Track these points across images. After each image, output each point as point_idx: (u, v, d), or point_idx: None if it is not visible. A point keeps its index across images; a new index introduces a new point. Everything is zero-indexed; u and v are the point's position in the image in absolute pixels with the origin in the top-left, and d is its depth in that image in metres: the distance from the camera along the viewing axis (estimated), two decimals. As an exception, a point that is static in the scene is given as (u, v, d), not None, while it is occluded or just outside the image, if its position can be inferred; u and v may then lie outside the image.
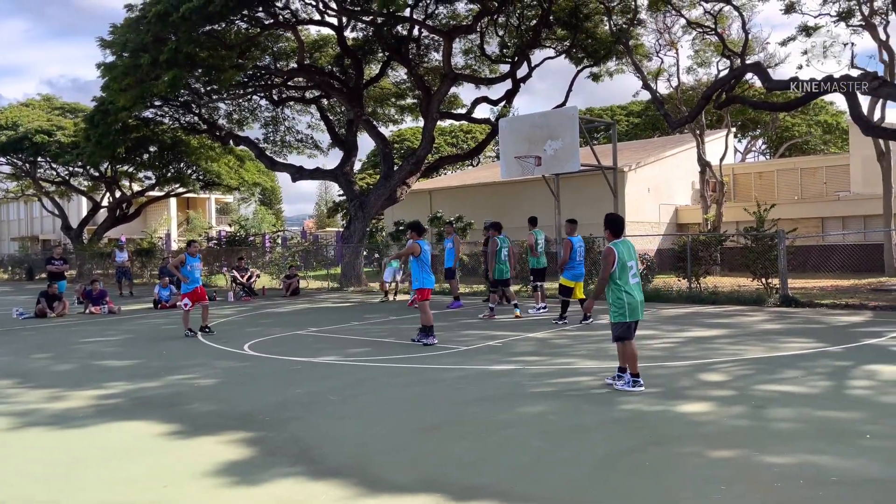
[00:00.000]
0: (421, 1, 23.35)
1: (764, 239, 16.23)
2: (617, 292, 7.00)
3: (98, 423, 6.29)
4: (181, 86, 23.43)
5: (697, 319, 12.55)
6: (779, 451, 5.00)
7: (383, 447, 5.36)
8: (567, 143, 13.83)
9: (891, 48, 23.75)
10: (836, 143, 41.06)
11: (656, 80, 27.08)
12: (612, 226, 7.28)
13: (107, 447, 5.60)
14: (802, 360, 8.28)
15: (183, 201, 50.14)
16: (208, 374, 8.46)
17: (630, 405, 6.44)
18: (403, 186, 25.84)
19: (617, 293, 6.99)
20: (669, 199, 28.81)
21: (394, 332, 12.07)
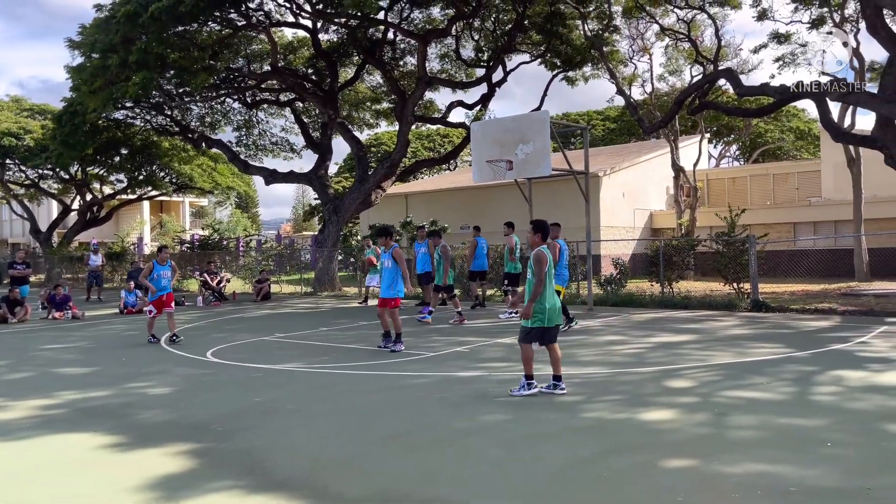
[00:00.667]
0: (396, 4, 23.23)
1: (735, 244, 16.29)
2: (543, 296, 6.97)
3: (39, 436, 6.03)
4: (151, 87, 23.07)
5: (667, 324, 12.50)
6: (738, 460, 4.91)
7: (336, 458, 5.19)
8: (538, 147, 13.74)
9: (861, 55, 24.06)
10: (808, 150, 41.58)
11: (630, 85, 27.24)
12: (541, 230, 7.23)
13: (43, 461, 5.36)
14: (769, 366, 8.24)
15: (156, 204, 49.44)
16: (165, 382, 8.21)
17: (593, 413, 6.33)
18: (378, 190, 25.66)
19: (541, 298, 6.96)
20: (644, 203, 28.92)
21: (361, 338, 11.88)
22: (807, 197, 28.59)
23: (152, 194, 37.96)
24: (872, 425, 5.66)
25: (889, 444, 5.16)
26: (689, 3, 22.20)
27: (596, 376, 7.97)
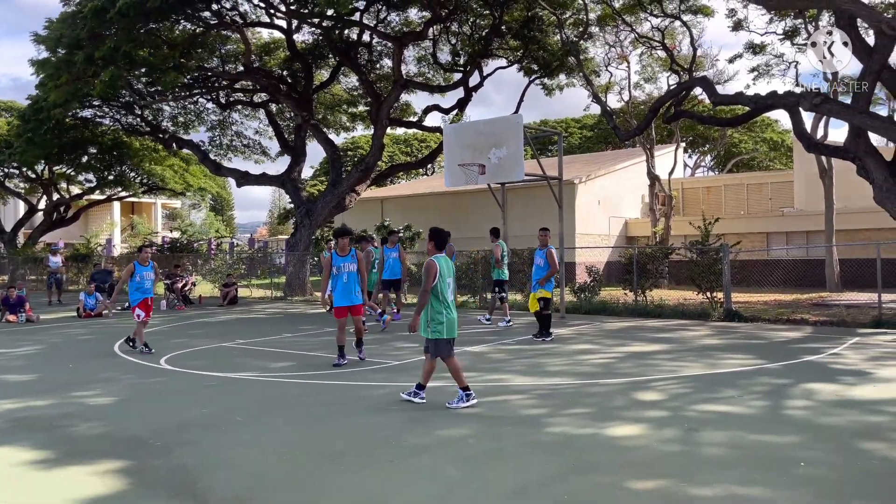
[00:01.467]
0: (372, 6, 22.92)
1: (709, 253, 16.16)
2: (438, 308, 6.82)
3: (-36, 449, 5.59)
4: (119, 85, 22.48)
5: (639, 334, 12.28)
6: (707, 480, 4.63)
7: (280, 477, 4.82)
8: (512, 151, 13.48)
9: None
10: (781, 160, 41.94)
11: (607, 93, 27.20)
12: (436, 238, 7.07)
13: (-37, 478, 4.93)
14: (741, 378, 8.01)
15: (128, 206, 48.46)
16: (110, 391, 7.77)
17: (558, 427, 6.03)
18: (352, 194, 25.27)
19: (437, 309, 6.81)
20: (619, 211, 28.85)
21: (325, 345, 11.49)
22: (780, 207, 28.73)
23: (122, 195, 37.13)
24: (847, 443, 5.42)
25: (865, 464, 4.92)
26: (664, 12, 22.18)
27: (564, 387, 7.68)
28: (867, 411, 6.42)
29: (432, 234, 7.08)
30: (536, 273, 11.68)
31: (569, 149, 46.54)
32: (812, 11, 20.70)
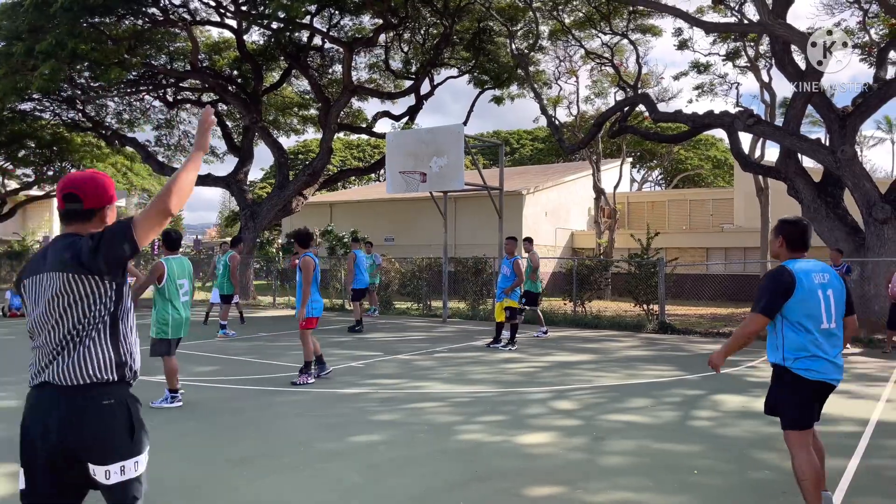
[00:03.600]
0: (324, 10, 22.84)
1: (647, 266, 16.53)
2: (164, 308, 6.94)
3: None
4: (60, 79, 21.89)
5: (568, 343, 12.48)
6: (605, 487, 4.76)
7: (180, 483, 4.76)
8: (453, 160, 13.60)
9: (772, 89, 25.13)
10: (724, 178, 43.17)
11: (556, 107, 27.64)
12: (166, 240, 7.16)
13: None
14: (656, 389, 8.22)
15: (69, 203, 47.07)
16: (22, 394, 7.52)
17: (470, 435, 6.10)
18: (299, 198, 25.07)
19: (164, 309, 6.93)
20: (566, 223, 29.29)
21: (255, 350, 11.38)
22: (720, 223, 29.56)
23: (62, 191, 36.03)
24: (741, 452, 5.62)
25: (754, 473, 5.11)
26: (612, 29, 22.68)
27: (483, 396, 7.76)
28: (767, 422, 6.63)
29: (166, 237, 7.10)
30: (502, 282, 11.66)
31: (520, 160, 47.08)
32: (752, 35, 21.45)
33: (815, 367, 3.83)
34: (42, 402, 2.63)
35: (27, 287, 2.69)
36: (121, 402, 2.65)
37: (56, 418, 2.57)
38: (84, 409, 2.59)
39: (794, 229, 4.04)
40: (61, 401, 2.59)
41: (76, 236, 2.63)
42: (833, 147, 14.76)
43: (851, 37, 19.95)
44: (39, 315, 2.63)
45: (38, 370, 2.65)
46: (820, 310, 3.86)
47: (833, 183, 15.48)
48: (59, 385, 2.59)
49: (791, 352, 3.87)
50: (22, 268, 2.81)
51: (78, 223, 2.68)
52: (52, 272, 2.60)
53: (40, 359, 2.65)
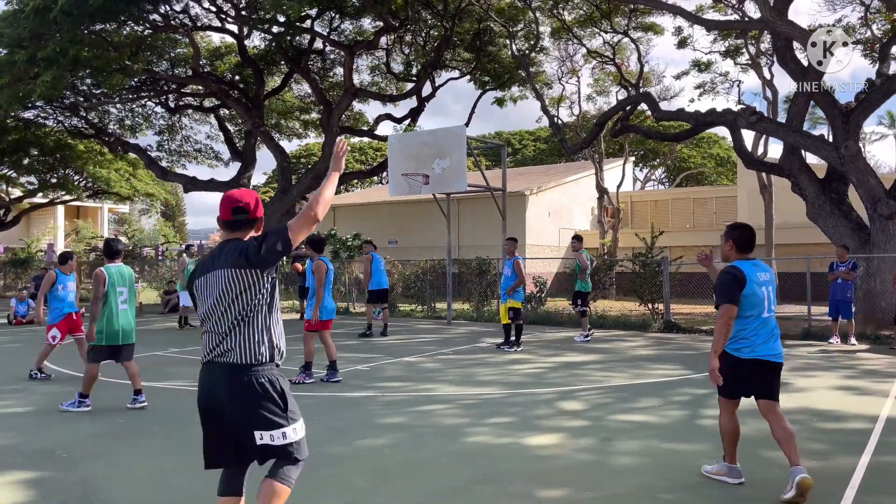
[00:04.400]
0: (324, 13, 22.85)
1: (651, 265, 16.49)
2: (103, 316, 7.05)
3: None
4: (63, 87, 21.92)
5: (575, 344, 12.45)
6: (611, 488, 4.73)
7: (182, 490, 4.75)
8: (455, 162, 13.59)
9: (774, 86, 25.06)
10: (727, 176, 43.08)
11: (558, 106, 27.60)
12: (106, 248, 7.47)
13: None
14: (664, 388, 8.19)
15: (73, 210, 47.14)
16: (26, 402, 7.55)
17: (477, 437, 6.07)
18: (302, 201, 25.06)
19: (103, 317, 7.05)
20: (569, 223, 29.25)
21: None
22: (724, 221, 29.47)
23: (66, 199, 36.16)
24: (749, 451, 5.58)
25: (764, 473, 5.08)
26: (613, 28, 22.64)
27: (490, 397, 7.74)
28: (777, 421, 6.62)
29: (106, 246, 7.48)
30: (504, 283, 11.72)
31: (522, 161, 47.05)
32: (754, 32, 21.40)
33: (748, 346, 4.61)
34: (213, 377, 3.20)
35: (199, 285, 3.28)
36: (273, 378, 3.20)
37: (225, 390, 3.15)
38: (246, 384, 3.13)
39: (742, 234, 4.77)
40: (228, 376, 3.15)
41: (239, 241, 3.25)
42: (836, 143, 14.70)
43: (853, 32, 19.92)
44: (211, 305, 3.21)
45: (209, 350, 3.22)
46: (763, 301, 4.62)
47: (837, 179, 15.42)
48: (226, 363, 3.16)
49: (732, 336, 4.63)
50: (192, 272, 3.39)
51: (242, 231, 3.31)
52: (222, 269, 3.19)
53: (210, 341, 3.22)
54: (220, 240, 3.43)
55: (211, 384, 3.21)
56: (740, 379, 4.71)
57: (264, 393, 3.15)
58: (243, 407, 3.13)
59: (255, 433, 3.15)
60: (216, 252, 3.29)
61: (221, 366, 3.17)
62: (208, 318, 3.23)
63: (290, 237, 3.13)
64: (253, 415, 3.14)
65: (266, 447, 3.19)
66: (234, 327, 3.17)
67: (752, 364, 4.63)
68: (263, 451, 3.21)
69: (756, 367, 4.65)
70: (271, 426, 3.16)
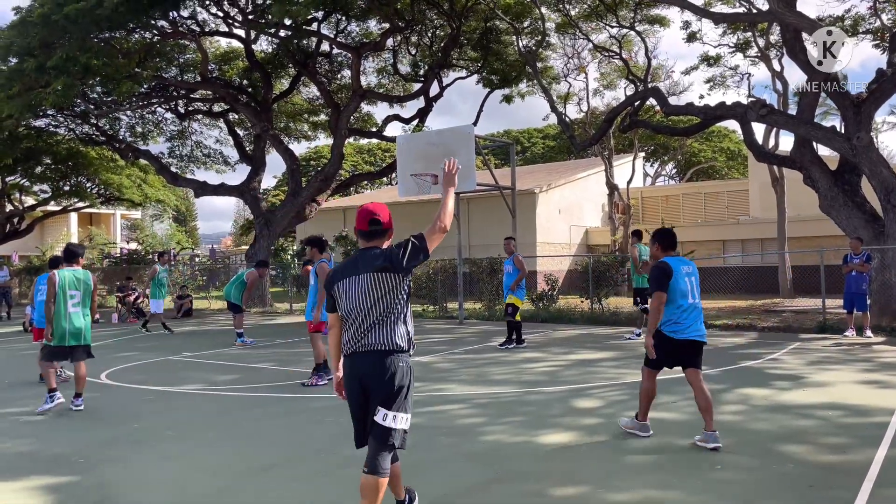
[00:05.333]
0: (331, 16, 22.91)
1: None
2: (55, 317, 7.30)
3: None
4: (73, 95, 22.08)
5: (589, 341, 12.41)
6: (627, 486, 4.70)
7: (201, 492, 4.77)
8: (463, 161, 13.54)
9: (784, 78, 24.85)
10: (738, 170, 42.81)
11: (566, 103, 27.49)
12: (64, 253, 7.75)
13: None
14: (677, 385, 8.11)
15: (86, 217, 47.48)
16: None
17: (491, 436, 6.06)
18: (313, 204, 25.17)
19: (55, 317, 7.30)
20: (580, 220, 29.16)
21: (274, 357, 11.41)
22: (735, 215, 29.30)
23: (79, 206, 36.44)
24: (768, 446, 5.54)
25: (780, 468, 5.03)
26: (619, 22, 22.54)
27: (504, 396, 7.73)
28: (794, 415, 6.58)
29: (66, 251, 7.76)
30: (507, 280, 11.77)
31: (531, 158, 46.97)
32: (762, 24, 21.25)
33: (677, 329, 5.73)
34: (358, 365, 3.68)
35: (341, 286, 3.75)
36: (408, 365, 3.72)
37: (369, 374, 3.64)
38: (388, 365, 3.63)
39: (666, 236, 5.99)
40: (373, 362, 3.64)
41: (377, 248, 3.77)
42: (848, 134, 14.56)
43: (863, 22, 19.74)
44: (356, 304, 3.69)
45: (352, 343, 3.69)
46: (688, 290, 5.73)
47: (850, 171, 15.27)
48: (370, 351, 3.64)
49: (664, 320, 5.74)
50: (332, 272, 3.87)
51: (377, 239, 3.81)
52: (368, 273, 3.69)
53: (354, 334, 3.69)
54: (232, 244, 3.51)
55: (357, 371, 3.68)
56: (670, 355, 5.85)
57: (397, 374, 3.64)
58: (382, 386, 3.62)
59: (379, 409, 3.62)
60: (356, 258, 3.79)
61: (365, 354, 3.65)
62: (352, 315, 3.69)
63: (427, 246, 3.72)
64: (384, 393, 3.62)
65: (376, 425, 3.61)
66: (377, 322, 3.65)
67: (683, 343, 5.75)
68: (373, 427, 3.64)
69: (686, 345, 5.79)
70: (389, 406, 3.62)
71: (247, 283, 13.29)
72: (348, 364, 3.73)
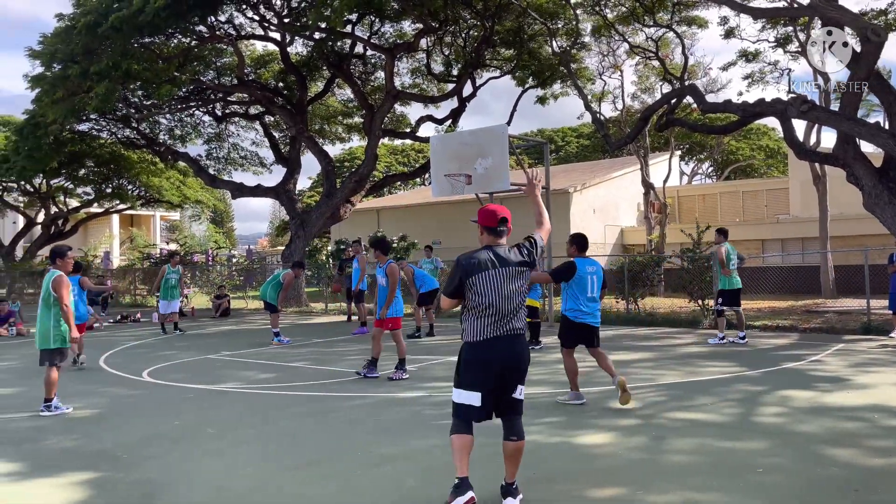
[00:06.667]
0: (364, 18, 23.06)
1: (699, 260, 16.17)
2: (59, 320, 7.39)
3: (-68, 463, 5.62)
4: (115, 99, 22.61)
5: (624, 342, 12.28)
6: (665, 488, 4.64)
7: (239, 489, 4.84)
8: (497, 161, 13.55)
9: (826, 74, 24.24)
10: (778, 168, 41.94)
11: (601, 102, 27.24)
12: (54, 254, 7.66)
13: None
14: (717, 386, 8.00)
15: (127, 218, 48.62)
16: (87, 404, 7.79)
17: (529, 437, 5.92)
18: (347, 205, 25.37)
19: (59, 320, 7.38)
20: (615, 220, 28.87)
21: (311, 355, 11.52)
22: (775, 214, 28.71)
23: (120, 208, 37.30)
24: (810, 449, 5.42)
25: (823, 471, 4.92)
26: (656, 22, 22.25)
27: (539, 397, 7.69)
28: (838, 418, 6.42)
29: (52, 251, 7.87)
30: None
31: (566, 157, 46.65)
32: (803, 18, 20.78)
33: (579, 316, 7.27)
34: (502, 347, 4.26)
35: (483, 278, 4.24)
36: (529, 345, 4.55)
37: (512, 355, 4.30)
38: (524, 347, 4.40)
39: (579, 239, 7.45)
40: (515, 343, 4.31)
41: (504, 246, 4.40)
42: (893, 130, 14.15)
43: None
44: (498, 296, 4.25)
45: (493, 329, 4.27)
46: (588, 286, 7.23)
47: (895, 168, 14.84)
48: (512, 335, 4.30)
49: (569, 307, 7.33)
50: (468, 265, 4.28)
51: (503, 237, 4.41)
52: (510, 267, 4.31)
53: (494, 322, 4.26)
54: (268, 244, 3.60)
55: (501, 352, 4.24)
56: (576, 337, 7.34)
57: (528, 353, 4.43)
58: (520, 365, 4.33)
59: (518, 386, 4.34)
60: (487, 255, 4.30)
61: (508, 338, 4.26)
62: (493, 306, 4.23)
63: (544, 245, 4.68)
64: (521, 371, 4.35)
65: (514, 400, 4.37)
66: (516, 310, 4.29)
67: (582, 326, 7.26)
68: (510, 403, 4.37)
69: (584, 328, 7.27)
70: (523, 381, 4.40)
71: (283, 283, 13.44)
72: (487, 347, 4.24)
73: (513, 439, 4.36)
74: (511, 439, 4.37)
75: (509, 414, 4.38)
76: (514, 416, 4.39)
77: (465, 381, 4.30)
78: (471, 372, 4.28)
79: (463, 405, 4.31)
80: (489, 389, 4.25)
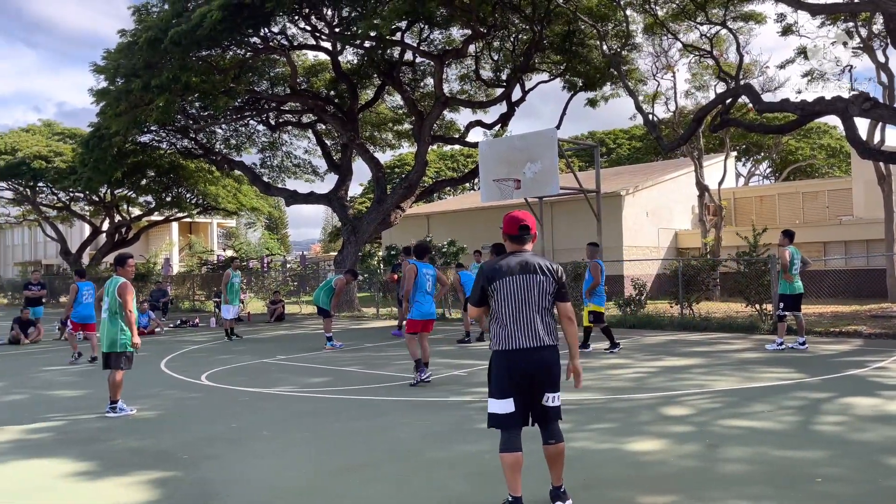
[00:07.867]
0: (413, 25, 23.30)
1: (756, 264, 15.76)
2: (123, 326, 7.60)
3: (8, 461, 5.92)
4: (174, 111, 23.40)
5: (677, 348, 12.06)
6: (719, 496, 4.56)
7: (292, 490, 4.96)
8: (546, 165, 13.50)
9: (890, 70, 23.35)
10: (840, 167, 40.51)
11: (653, 103, 26.81)
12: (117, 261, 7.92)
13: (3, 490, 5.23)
14: (775, 393, 7.80)
15: (185, 226, 50.17)
16: (150, 406, 8.08)
17: (578, 443, 6.00)
18: (397, 210, 25.62)
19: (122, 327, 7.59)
20: (669, 223, 28.37)
21: (363, 360, 11.68)
22: (837, 216, 27.74)
23: (179, 215, 38.51)
24: (873, 459, 5.24)
25: (887, 482, 4.75)
26: (710, 20, 21.82)
27: (590, 402, 7.63)
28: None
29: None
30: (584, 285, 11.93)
31: (617, 160, 46.07)
32: (864, 14, 20.07)
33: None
34: (521, 356, 4.21)
35: (500, 285, 4.23)
36: (558, 354, 4.28)
37: (533, 362, 4.21)
38: (549, 356, 4.25)
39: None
40: (538, 352, 4.22)
41: (527, 252, 4.34)
42: (964, 127, 13.55)
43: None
44: (515, 301, 4.23)
45: (516, 338, 4.22)
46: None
47: (965, 166, 14.20)
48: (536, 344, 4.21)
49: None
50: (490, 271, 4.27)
51: (526, 244, 4.35)
52: (532, 275, 4.24)
53: (517, 331, 4.22)
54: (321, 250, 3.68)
55: (523, 362, 4.20)
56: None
57: (555, 362, 4.27)
58: (546, 374, 4.23)
59: (546, 394, 4.25)
60: (508, 262, 4.25)
61: (532, 348, 4.20)
62: (510, 314, 4.22)
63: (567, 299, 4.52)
64: (551, 379, 4.25)
65: (547, 406, 4.28)
66: (538, 318, 4.22)
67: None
68: (542, 411, 4.29)
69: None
70: (555, 389, 4.29)
71: (335, 288, 13.67)
72: (510, 357, 4.22)
73: (551, 443, 4.35)
74: (549, 443, 4.36)
75: (543, 421, 4.36)
76: (551, 420, 4.35)
77: (496, 389, 4.30)
78: (499, 380, 4.28)
79: (496, 414, 4.31)
80: (518, 396, 4.24)
